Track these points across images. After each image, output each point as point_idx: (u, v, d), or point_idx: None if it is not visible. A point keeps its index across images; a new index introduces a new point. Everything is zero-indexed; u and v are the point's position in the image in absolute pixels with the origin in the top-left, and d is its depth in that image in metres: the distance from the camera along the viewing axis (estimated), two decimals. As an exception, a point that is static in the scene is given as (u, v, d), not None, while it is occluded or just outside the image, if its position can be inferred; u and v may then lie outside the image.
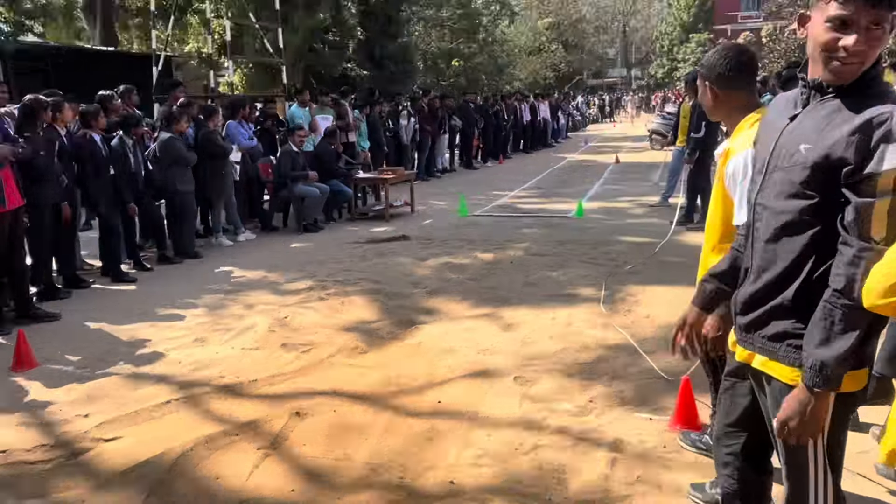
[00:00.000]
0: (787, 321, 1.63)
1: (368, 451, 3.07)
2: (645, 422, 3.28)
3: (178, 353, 4.41)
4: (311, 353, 4.31)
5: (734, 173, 2.23)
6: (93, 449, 3.17)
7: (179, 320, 5.12)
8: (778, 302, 1.64)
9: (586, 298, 5.29)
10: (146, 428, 3.37)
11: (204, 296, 5.74)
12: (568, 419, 3.33)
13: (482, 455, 3.00)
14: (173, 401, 3.66)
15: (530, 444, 3.09)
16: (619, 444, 3.07)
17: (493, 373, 3.91)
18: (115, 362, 4.29)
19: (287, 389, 3.78)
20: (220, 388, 3.81)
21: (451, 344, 4.40)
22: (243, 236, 8.17)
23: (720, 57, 2.25)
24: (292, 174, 8.43)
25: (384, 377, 3.88)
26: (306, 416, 3.43)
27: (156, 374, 4.06)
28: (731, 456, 1.96)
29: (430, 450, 3.07)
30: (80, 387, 3.89)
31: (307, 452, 3.08)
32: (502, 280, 5.90)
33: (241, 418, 3.43)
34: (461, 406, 3.49)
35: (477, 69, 26.23)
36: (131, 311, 5.33)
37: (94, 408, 3.61)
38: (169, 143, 6.96)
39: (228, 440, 3.21)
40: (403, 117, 12.89)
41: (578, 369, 3.93)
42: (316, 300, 5.47)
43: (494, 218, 9.19)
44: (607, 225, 8.39)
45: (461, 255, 6.86)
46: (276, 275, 6.40)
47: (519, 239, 7.65)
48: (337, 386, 3.79)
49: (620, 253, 6.79)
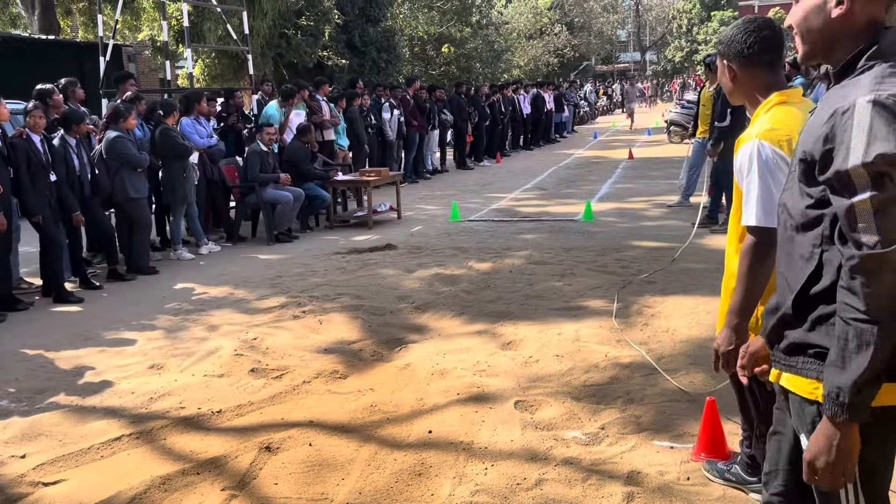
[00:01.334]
0: (798, 331, 1.64)
1: (349, 490, 3.04)
2: (665, 451, 3.27)
3: (130, 383, 4.37)
4: (284, 379, 4.29)
5: (741, 166, 2.24)
6: (31, 494, 3.13)
7: (132, 345, 5.09)
8: (784, 311, 1.66)
9: (596, 311, 5.29)
10: (93, 469, 3.34)
11: (160, 316, 5.71)
12: (577, 449, 3.32)
13: (479, 491, 2.98)
14: (124, 437, 3.63)
15: (534, 478, 3.07)
16: (636, 477, 3.05)
17: (490, 397, 3.89)
18: (57, 394, 4.25)
19: (256, 421, 3.76)
20: (179, 421, 3.78)
21: (444, 365, 4.38)
22: (206, 248, 8.16)
23: (740, 31, 2.27)
24: (261, 177, 8.42)
25: (367, 405, 3.87)
26: (278, 450, 3.41)
27: (104, 407, 4.03)
28: (776, 497, 1.92)
29: (420, 487, 3.05)
30: (15, 423, 3.85)
31: (279, 492, 3.06)
32: (501, 292, 5.90)
33: (203, 455, 3.40)
34: (455, 436, 3.48)
35: (470, 56, 26.37)
36: (76, 336, 5.30)
37: (32, 447, 3.57)
38: (115, 142, 6.96)
39: (188, 480, 3.18)
40: (386, 110, 12.94)
41: (588, 392, 3.92)
42: (289, 319, 5.46)
43: (491, 223, 9.21)
44: (619, 228, 8.41)
45: (454, 266, 6.86)
46: (243, 291, 6.38)
47: (519, 246, 7.66)
48: (313, 416, 3.77)
49: (635, 260, 6.80)
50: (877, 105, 1.43)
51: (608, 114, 35.11)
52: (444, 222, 9.36)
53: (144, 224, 7.31)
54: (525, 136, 19.93)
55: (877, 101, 1.43)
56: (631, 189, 11.52)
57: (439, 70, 25.76)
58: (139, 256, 7.22)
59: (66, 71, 9.77)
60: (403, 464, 3.24)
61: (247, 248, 8.46)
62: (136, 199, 7.11)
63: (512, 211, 10.12)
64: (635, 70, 52.57)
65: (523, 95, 19.55)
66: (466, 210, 10.08)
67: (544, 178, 13.60)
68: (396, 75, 20.87)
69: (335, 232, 9.17)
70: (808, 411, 1.62)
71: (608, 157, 16.53)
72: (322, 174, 9.41)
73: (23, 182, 6.02)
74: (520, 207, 10.40)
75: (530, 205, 10.61)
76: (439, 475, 3.14)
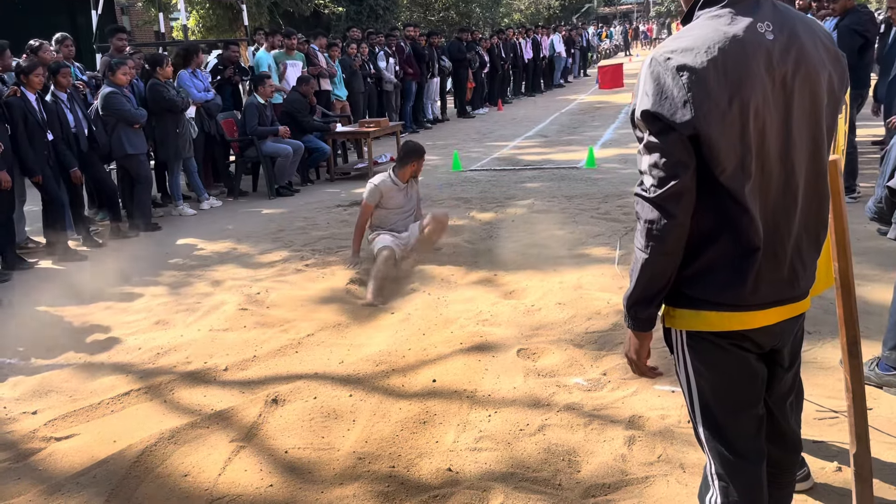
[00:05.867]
0: None
1: (355, 440, 3.09)
2: (666, 395, 3.30)
3: (136, 339, 4.42)
4: (289, 333, 4.32)
5: None
6: (43, 449, 3.19)
7: (137, 301, 5.12)
8: None
9: (598, 259, 5.29)
10: (103, 423, 3.39)
11: (164, 272, 5.74)
12: (579, 395, 3.36)
13: (482, 438, 3.03)
14: (133, 392, 3.68)
15: (537, 424, 3.11)
16: (637, 421, 3.09)
17: (493, 346, 3.92)
18: (66, 352, 4.30)
19: (262, 374, 3.80)
20: (186, 376, 3.83)
21: (447, 315, 4.40)
22: (207, 204, 8.14)
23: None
24: (260, 130, 8.34)
25: (371, 356, 3.90)
26: (284, 402, 3.45)
27: (112, 363, 4.08)
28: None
29: (424, 435, 3.10)
30: (26, 381, 3.90)
31: (286, 443, 3.11)
32: (503, 242, 5.89)
33: (211, 408, 3.45)
34: (458, 384, 3.51)
35: (470, 1, 25.82)
36: (82, 293, 5.33)
37: (42, 403, 3.63)
38: (109, 98, 6.87)
39: (197, 433, 3.23)
40: (381, 59, 12.71)
41: (590, 339, 3.95)
42: (292, 273, 5.48)
43: (493, 172, 9.15)
44: (622, 175, 8.35)
45: (456, 216, 6.83)
46: (246, 246, 6.38)
47: (521, 195, 7.62)
48: (318, 368, 3.81)
49: (637, 206, 6.75)
50: None
51: (610, 57, 34.48)
52: (445, 172, 9.30)
53: (144, 180, 7.27)
54: (526, 82, 19.63)
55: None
56: (634, 134, 11.38)
57: (438, 16, 25.24)
58: (141, 213, 7.21)
59: (58, 25, 9.60)
60: (408, 413, 3.28)
61: (248, 202, 8.44)
62: (134, 154, 7.05)
63: (514, 159, 10.04)
64: (639, 11, 51.28)
65: (525, 40, 19.19)
66: (468, 160, 10.00)
67: (546, 125, 13.44)
68: (395, 22, 20.46)
69: (336, 184, 9.13)
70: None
71: (611, 101, 16.30)
72: (321, 126, 9.31)
73: (21, 141, 5.97)
74: (522, 156, 10.30)
75: (532, 153, 10.51)
76: (444, 423, 3.18)
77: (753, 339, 1.67)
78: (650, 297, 1.64)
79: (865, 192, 5.99)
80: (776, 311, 1.65)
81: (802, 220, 1.64)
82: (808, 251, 1.68)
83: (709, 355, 1.69)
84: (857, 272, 2.51)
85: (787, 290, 1.66)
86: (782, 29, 1.57)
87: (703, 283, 1.62)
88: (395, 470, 2.86)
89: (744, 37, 1.53)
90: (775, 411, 1.80)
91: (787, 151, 1.59)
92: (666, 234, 1.55)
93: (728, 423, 1.72)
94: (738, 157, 1.53)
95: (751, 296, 1.60)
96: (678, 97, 1.51)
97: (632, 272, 1.65)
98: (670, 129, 1.52)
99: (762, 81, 1.53)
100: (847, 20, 5.95)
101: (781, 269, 1.63)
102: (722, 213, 1.57)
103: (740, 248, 1.58)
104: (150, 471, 2.96)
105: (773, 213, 1.59)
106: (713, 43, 1.52)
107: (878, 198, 2.94)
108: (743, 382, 1.71)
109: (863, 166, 6.74)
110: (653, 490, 2.64)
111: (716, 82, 1.50)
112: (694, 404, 1.76)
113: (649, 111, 1.54)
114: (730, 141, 1.52)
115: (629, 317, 1.70)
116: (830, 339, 3.68)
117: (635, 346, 1.74)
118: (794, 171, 1.60)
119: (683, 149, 1.53)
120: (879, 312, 3.88)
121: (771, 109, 1.55)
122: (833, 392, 3.17)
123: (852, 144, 6.14)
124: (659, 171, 1.54)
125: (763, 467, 1.75)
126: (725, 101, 1.50)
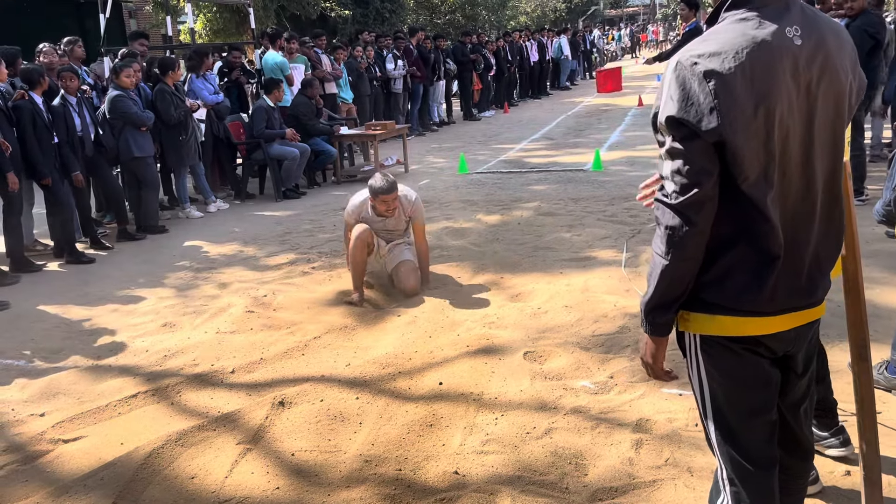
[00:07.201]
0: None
1: (361, 442, 3.09)
2: (674, 398, 3.29)
3: (144, 341, 4.43)
4: (295, 335, 4.33)
5: None
6: (51, 451, 3.20)
7: (144, 304, 5.13)
8: None
9: (605, 262, 5.28)
10: (110, 426, 3.40)
11: (171, 275, 5.75)
12: (586, 398, 3.35)
13: (489, 441, 3.02)
14: (140, 394, 3.69)
15: (543, 427, 3.11)
16: (645, 424, 3.08)
17: (500, 349, 3.92)
18: (73, 354, 4.31)
19: (269, 376, 3.81)
20: (193, 378, 3.83)
21: (453, 317, 4.40)
22: (214, 206, 8.16)
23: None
24: (267, 133, 8.36)
25: (377, 358, 3.90)
26: (291, 405, 3.46)
27: (119, 366, 4.09)
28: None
29: (431, 438, 3.10)
30: (33, 383, 3.91)
31: (293, 446, 3.11)
32: (509, 244, 5.89)
33: (218, 410, 3.46)
34: (465, 387, 3.51)
35: (476, 3, 25.84)
36: (89, 296, 5.35)
37: (50, 405, 3.64)
38: (116, 101, 6.90)
39: (204, 435, 3.24)
40: (389, 61, 12.73)
41: (597, 342, 3.94)
42: (299, 275, 5.48)
43: (499, 175, 9.15)
44: (629, 177, 8.33)
45: (462, 219, 6.84)
46: (252, 248, 6.40)
47: (527, 198, 7.61)
48: (324, 370, 3.81)
49: (644, 209, 6.73)
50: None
51: (616, 60, 34.44)
52: (451, 175, 9.30)
53: (152, 183, 7.29)
54: (532, 85, 19.63)
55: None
56: (640, 137, 11.35)
57: (444, 18, 25.27)
58: (148, 215, 7.24)
59: (66, 29, 9.65)
60: (415, 415, 3.27)
61: (255, 205, 8.45)
62: (141, 157, 7.08)
63: (520, 162, 10.03)
64: (645, 14, 51.21)
65: (532, 42, 19.19)
66: (474, 162, 10.00)
67: (552, 128, 13.43)
68: (401, 25, 20.50)
69: (343, 187, 9.14)
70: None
71: (617, 104, 16.28)
72: (327, 129, 9.33)
73: (30, 144, 5.99)
74: (528, 158, 10.30)
75: (538, 155, 10.51)
76: (450, 426, 3.18)
77: (767, 344, 1.65)
78: (668, 302, 1.63)
79: (873, 195, 5.96)
80: (792, 317, 1.63)
81: (821, 228, 1.63)
82: (826, 258, 1.66)
83: (722, 360, 1.68)
84: (866, 275, 2.50)
85: (804, 297, 1.64)
86: (810, 34, 1.54)
87: (721, 289, 1.61)
88: (402, 473, 2.85)
89: (772, 42, 1.50)
90: (788, 417, 1.78)
91: (808, 159, 1.57)
92: (686, 240, 1.54)
93: (741, 429, 1.71)
94: (761, 166, 1.51)
95: (768, 303, 1.59)
96: (704, 104, 1.48)
97: (650, 277, 1.63)
98: (695, 136, 1.50)
99: (787, 89, 1.51)
100: (859, 21, 5.92)
101: (800, 276, 1.61)
102: (743, 221, 1.55)
103: (760, 255, 1.56)
104: (157, 473, 2.97)
105: (793, 220, 1.58)
106: (741, 48, 1.49)
107: (886, 201, 2.93)
108: (756, 387, 1.69)
109: (871, 169, 6.71)
110: (660, 494, 2.63)
111: (742, 89, 1.47)
112: (706, 409, 1.75)
113: (674, 117, 1.51)
114: (754, 149, 1.50)
115: (646, 322, 1.68)
116: (839, 342, 3.66)
117: (651, 350, 1.72)
118: (814, 179, 1.58)
119: (707, 156, 1.50)
120: (888, 315, 3.87)
121: (795, 117, 1.53)
122: (842, 395, 3.15)
123: (860, 147, 6.11)
124: (682, 177, 1.52)
125: (775, 473, 1.73)
126: (751, 109, 1.48)
